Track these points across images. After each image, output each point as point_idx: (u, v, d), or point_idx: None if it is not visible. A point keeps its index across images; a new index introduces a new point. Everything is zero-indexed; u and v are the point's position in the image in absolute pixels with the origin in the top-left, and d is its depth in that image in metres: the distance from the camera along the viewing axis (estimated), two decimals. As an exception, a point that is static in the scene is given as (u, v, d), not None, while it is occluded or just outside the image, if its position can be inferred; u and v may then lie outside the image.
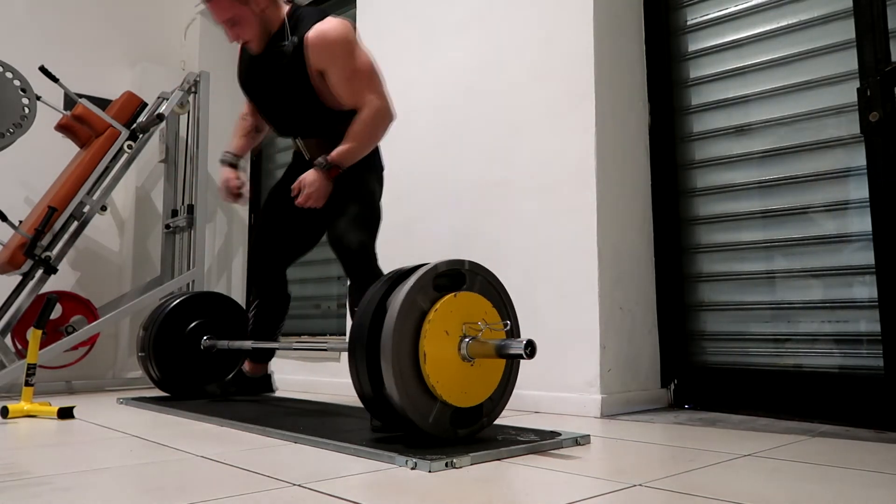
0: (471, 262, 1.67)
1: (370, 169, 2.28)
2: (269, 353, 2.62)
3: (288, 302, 2.60)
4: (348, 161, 2.16)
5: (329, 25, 2.17)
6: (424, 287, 1.57)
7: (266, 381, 2.67)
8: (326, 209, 2.24)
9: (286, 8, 2.28)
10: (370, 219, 2.17)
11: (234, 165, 2.46)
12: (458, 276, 1.65)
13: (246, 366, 2.63)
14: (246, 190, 2.47)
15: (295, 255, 2.56)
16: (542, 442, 1.62)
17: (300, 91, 2.21)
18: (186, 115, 3.84)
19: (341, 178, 2.20)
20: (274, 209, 2.46)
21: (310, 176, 2.15)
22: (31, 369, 2.44)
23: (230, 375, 2.66)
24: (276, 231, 2.47)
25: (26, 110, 3.08)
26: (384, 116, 2.18)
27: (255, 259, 2.52)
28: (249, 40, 2.24)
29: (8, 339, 3.25)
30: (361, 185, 2.20)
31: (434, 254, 2.70)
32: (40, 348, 2.63)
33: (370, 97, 2.17)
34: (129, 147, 3.43)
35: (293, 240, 2.47)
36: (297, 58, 2.18)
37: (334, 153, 2.15)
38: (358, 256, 2.07)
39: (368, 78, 2.18)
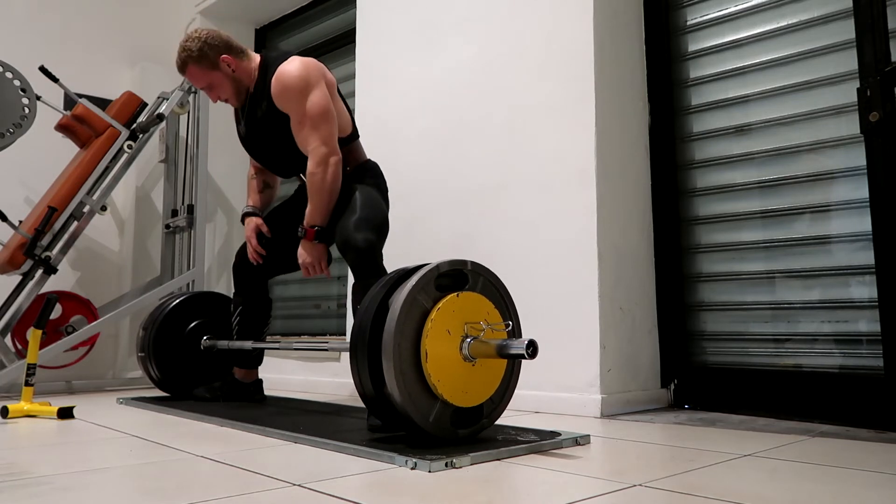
0: (473, 263, 1.67)
1: (364, 182, 2.32)
2: (258, 359, 2.63)
3: (270, 306, 2.63)
4: (319, 217, 2.22)
5: (287, 68, 2.22)
6: (426, 286, 1.57)
7: (257, 388, 2.66)
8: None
9: (257, 58, 2.37)
10: (376, 219, 2.18)
11: (257, 214, 2.52)
12: (460, 276, 1.65)
13: (236, 372, 2.63)
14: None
15: (278, 273, 2.61)
16: (542, 442, 1.62)
17: (284, 133, 2.27)
18: (186, 115, 3.84)
19: (338, 200, 2.25)
20: (272, 226, 2.50)
21: (300, 250, 2.26)
22: (31, 369, 2.44)
23: (219, 382, 2.66)
24: (267, 247, 2.50)
25: (26, 110, 3.08)
26: (327, 163, 2.19)
27: (239, 266, 2.56)
28: (227, 98, 2.38)
29: (8, 339, 3.25)
30: (359, 193, 2.24)
31: (434, 254, 2.70)
32: (40, 348, 2.63)
33: (313, 145, 2.20)
34: (129, 147, 3.43)
35: (280, 259, 2.52)
36: (270, 103, 2.26)
37: (305, 218, 2.24)
38: (365, 255, 2.08)
39: (315, 124, 2.19)
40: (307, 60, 2.26)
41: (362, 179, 2.32)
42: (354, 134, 2.42)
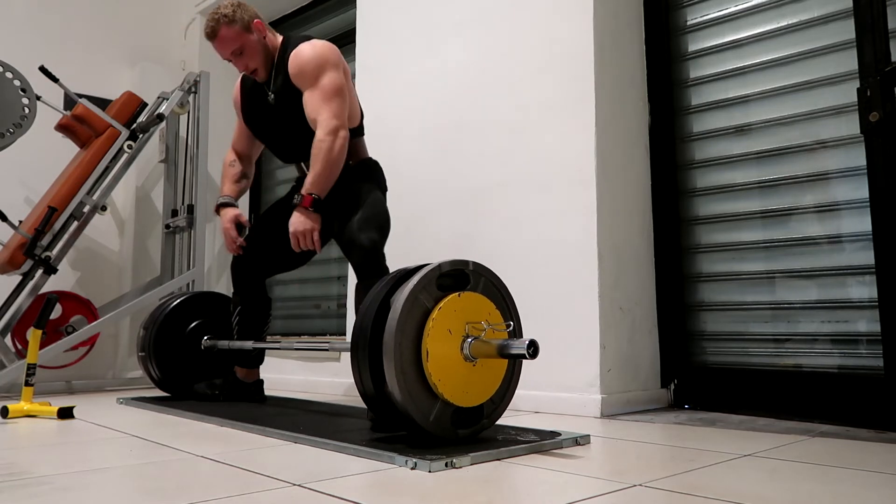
0: (475, 263, 1.67)
1: (369, 180, 2.31)
2: (259, 358, 2.62)
3: (269, 305, 2.62)
4: (319, 187, 2.17)
5: (307, 46, 2.23)
6: (428, 286, 1.57)
7: (258, 388, 2.66)
8: (324, 229, 2.28)
9: (280, 38, 2.37)
10: (379, 219, 2.18)
11: (234, 206, 2.51)
12: (461, 277, 1.65)
13: (238, 371, 2.63)
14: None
15: (276, 272, 2.60)
16: (542, 442, 1.62)
17: (296, 113, 2.26)
18: (186, 115, 3.84)
19: (341, 195, 2.23)
20: (268, 224, 2.50)
21: (292, 218, 2.19)
22: (31, 369, 2.44)
23: (220, 379, 2.65)
24: (264, 246, 2.50)
25: (26, 110, 3.08)
26: (336, 134, 2.16)
27: (237, 266, 2.56)
28: (256, 68, 2.33)
29: (8, 339, 3.25)
30: (363, 192, 2.24)
31: (434, 254, 2.70)
32: (40, 348, 2.63)
33: (324, 116, 2.17)
34: (129, 147, 3.43)
35: (278, 258, 2.51)
36: (287, 82, 2.25)
37: (304, 186, 2.19)
38: (369, 255, 2.08)
39: (328, 98, 2.18)
40: (328, 43, 2.27)
41: (366, 178, 2.32)
42: (361, 129, 2.42)
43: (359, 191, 2.23)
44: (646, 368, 2.44)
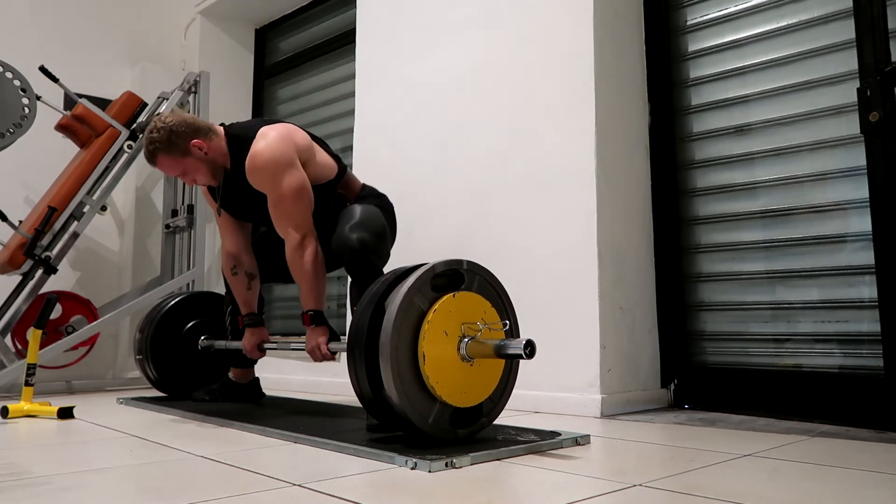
0: (469, 262, 1.67)
1: (364, 203, 2.27)
2: (253, 358, 2.61)
3: (262, 305, 2.59)
4: (311, 302, 2.17)
5: (259, 148, 2.12)
6: (422, 287, 1.57)
7: (254, 387, 2.65)
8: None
9: (222, 131, 2.27)
10: (373, 225, 2.16)
11: (260, 325, 2.46)
12: (456, 276, 1.65)
13: (232, 373, 2.62)
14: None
15: (269, 281, 2.58)
16: (541, 442, 1.62)
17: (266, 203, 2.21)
18: (186, 115, 3.83)
19: (337, 210, 2.23)
20: (271, 235, 2.48)
21: (306, 342, 2.20)
22: (31, 369, 2.44)
23: (216, 384, 2.65)
24: (263, 254, 2.48)
25: (26, 110, 3.08)
26: (303, 247, 2.14)
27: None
28: (204, 182, 2.30)
29: (8, 339, 3.25)
30: (362, 207, 2.20)
31: (434, 254, 2.70)
32: (40, 348, 2.63)
33: (286, 230, 2.15)
34: (129, 147, 3.44)
35: (272, 268, 2.49)
36: (247, 182, 2.18)
37: (302, 303, 2.19)
38: (359, 255, 2.07)
39: (287, 208, 2.13)
40: (276, 136, 2.14)
41: (360, 201, 2.29)
42: (341, 171, 2.33)
43: (354, 208, 2.21)
44: (646, 368, 2.44)
